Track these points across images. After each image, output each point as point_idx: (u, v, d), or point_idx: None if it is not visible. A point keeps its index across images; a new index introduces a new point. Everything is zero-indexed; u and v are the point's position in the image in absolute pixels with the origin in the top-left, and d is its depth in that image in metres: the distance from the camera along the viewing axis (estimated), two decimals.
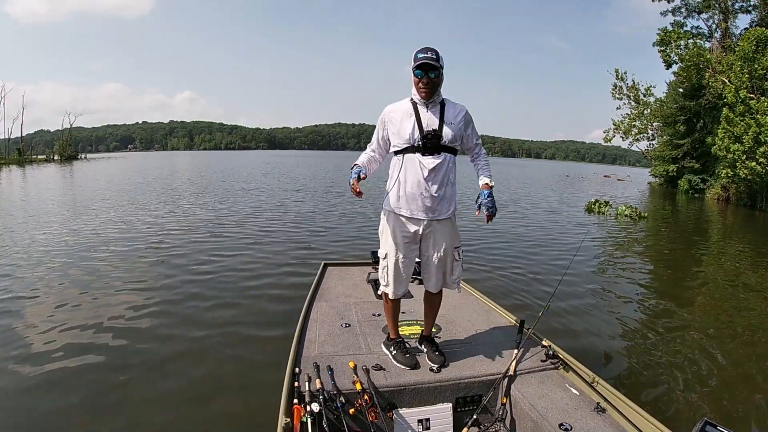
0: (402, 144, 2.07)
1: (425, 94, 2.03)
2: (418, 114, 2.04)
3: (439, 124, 2.04)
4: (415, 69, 2.00)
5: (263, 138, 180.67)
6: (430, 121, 2.04)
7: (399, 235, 2.12)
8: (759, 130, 14.25)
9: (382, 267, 2.20)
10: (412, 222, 2.10)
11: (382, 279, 2.22)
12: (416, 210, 2.08)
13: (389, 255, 2.15)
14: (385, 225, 2.17)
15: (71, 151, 47.71)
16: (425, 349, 2.29)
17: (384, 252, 2.18)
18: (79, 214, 9.64)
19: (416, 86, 2.04)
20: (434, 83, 2.02)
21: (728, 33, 21.51)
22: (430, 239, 2.14)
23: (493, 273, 5.62)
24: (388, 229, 2.14)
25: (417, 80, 2.03)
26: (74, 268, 5.35)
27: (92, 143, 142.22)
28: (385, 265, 2.18)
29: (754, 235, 11.04)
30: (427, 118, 2.04)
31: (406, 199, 2.08)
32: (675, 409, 2.68)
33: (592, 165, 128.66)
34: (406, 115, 2.07)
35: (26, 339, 3.42)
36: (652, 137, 27.87)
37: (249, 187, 16.63)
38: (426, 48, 1.99)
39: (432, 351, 2.24)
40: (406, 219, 2.10)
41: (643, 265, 6.88)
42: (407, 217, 2.10)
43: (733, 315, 4.55)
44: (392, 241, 2.13)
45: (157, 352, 3.23)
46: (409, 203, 2.08)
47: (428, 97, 2.04)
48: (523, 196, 17.20)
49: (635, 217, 11.70)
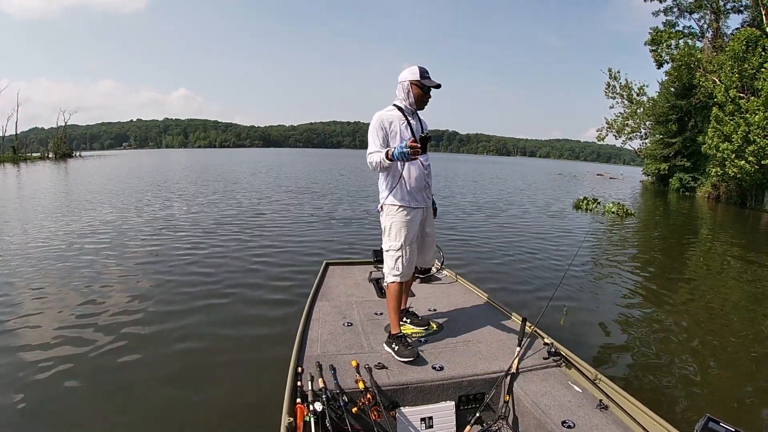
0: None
1: (422, 106, 2.38)
2: (409, 122, 2.35)
3: (423, 130, 2.39)
4: (424, 86, 2.32)
5: (258, 136, 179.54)
6: (417, 127, 2.37)
7: (411, 225, 2.36)
8: (748, 129, 14.44)
9: (395, 258, 2.36)
10: (419, 211, 2.40)
11: (394, 270, 2.37)
12: (421, 200, 2.40)
13: (404, 244, 2.35)
14: (395, 219, 2.36)
15: (66, 149, 47.36)
16: (407, 320, 2.60)
17: (397, 243, 2.35)
18: (81, 211, 9.52)
19: (417, 98, 2.35)
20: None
21: (719, 33, 21.76)
22: (427, 221, 2.50)
23: (494, 271, 5.65)
24: (400, 221, 2.35)
25: (422, 94, 2.35)
26: (72, 267, 5.29)
27: (87, 141, 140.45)
28: (399, 255, 2.36)
29: (744, 233, 11.22)
30: (415, 124, 2.37)
31: (413, 193, 2.36)
32: (678, 405, 2.71)
33: (586, 164, 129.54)
34: (402, 122, 2.34)
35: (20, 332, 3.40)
36: (645, 136, 28.17)
37: (249, 187, 16.55)
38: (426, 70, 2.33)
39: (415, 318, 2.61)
40: (414, 209, 2.37)
41: (640, 261, 6.95)
42: (415, 207, 2.37)
43: (734, 312, 4.60)
44: (405, 232, 2.34)
45: (158, 352, 3.21)
46: (415, 196, 2.37)
47: (422, 109, 2.41)
48: (520, 195, 17.32)
49: (622, 214, 11.92)
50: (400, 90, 2.37)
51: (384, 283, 2.48)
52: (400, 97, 2.37)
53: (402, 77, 2.36)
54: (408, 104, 2.36)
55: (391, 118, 2.33)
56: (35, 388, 2.69)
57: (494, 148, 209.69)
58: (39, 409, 2.49)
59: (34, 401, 2.56)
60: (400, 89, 2.37)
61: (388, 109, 2.38)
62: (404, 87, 2.34)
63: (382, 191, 2.41)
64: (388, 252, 2.39)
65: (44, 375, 2.84)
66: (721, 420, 1.45)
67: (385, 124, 2.31)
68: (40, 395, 2.62)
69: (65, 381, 2.78)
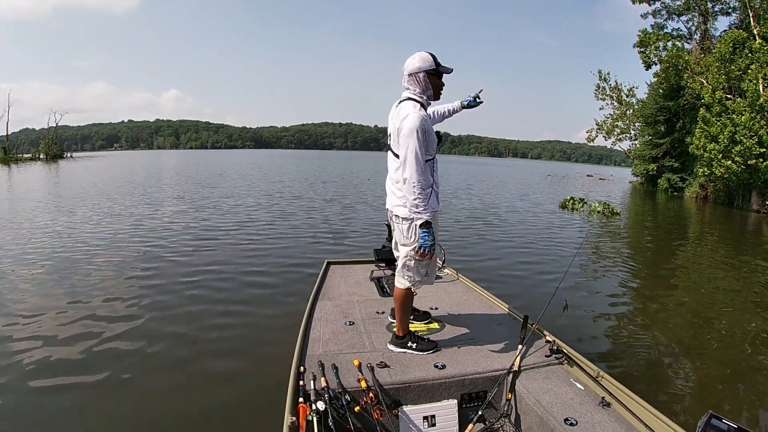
0: (432, 153, 2.12)
1: (438, 97, 2.13)
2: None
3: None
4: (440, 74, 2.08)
5: (250, 137, 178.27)
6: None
7: (436, 230, 2.18)
8: (734, 130, 14.69)
9: (423, 263, 2.20)
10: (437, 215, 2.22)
11: (417, 275, 2.21)
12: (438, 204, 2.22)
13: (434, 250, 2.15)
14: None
15: (57, 150, 46.63)
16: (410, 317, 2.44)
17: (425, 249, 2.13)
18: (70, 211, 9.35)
19: (438, 88, 2.11)
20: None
21: (708, 35, 22.14)
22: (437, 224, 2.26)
23: (494, 270, 5.69)
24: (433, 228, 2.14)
25: (441, 84, 2.10)
26: (69, 267, 5.22)
27: (78, 142, 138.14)
28: (427, 262, 2.20)
29: (732, 232, 11.43)
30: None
31: (437, 197, 2.19)
32: (680, 402, 2.73)
33: (577, 165, 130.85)
34: (431, 122, 2.15)
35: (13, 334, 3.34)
36: (635, 137, 28.55)
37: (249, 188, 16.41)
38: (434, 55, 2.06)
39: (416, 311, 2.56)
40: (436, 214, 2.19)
41: (637, 260, 7.05)
42: (437, 211, 2.20)
43: (738, 309, 4.65)
44: (433, 237, 2.11)
45: (158, 352, 3.19)
46: (438, 199, 2.20)
47: (438, 100, 2.14)
48: (511, 195, 17.45)
49: (608, 213, 12.09)
50: (414, 83, 2.07)
51: (401, 287, 2.25)
52: (416, 91, 2.07)
53: (413, 67, 2.05)
54: (427, 98, 2.08)
55: (426, 117, 2.03)
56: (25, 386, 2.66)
57: (486, 150, 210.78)
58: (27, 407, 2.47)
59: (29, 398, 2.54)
60: (414, 82, 2.07)
61: (413, 105, 2.04)
62: (420, 79, 2.05)
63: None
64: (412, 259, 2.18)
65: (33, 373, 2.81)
66: (724, 417, 1.46)
67: (426, 128, 2.01)
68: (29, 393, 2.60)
69: (50, 385, 2.73)
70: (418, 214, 2.03)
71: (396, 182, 2.15)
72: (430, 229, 2.04)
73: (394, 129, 2.09)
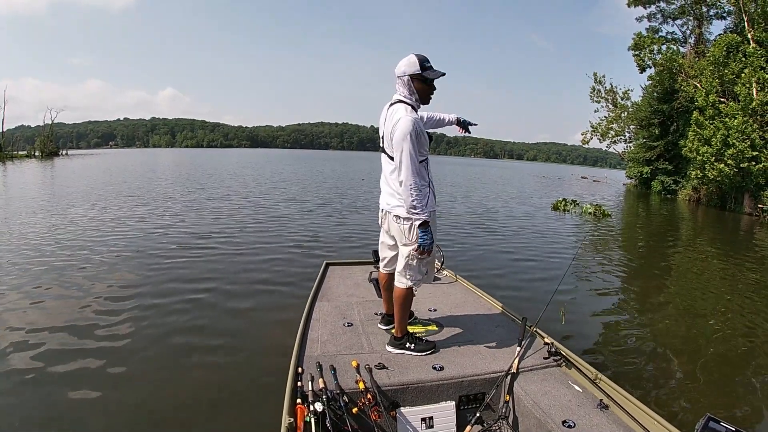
0: (425, 153, 2.13)
1: (427, 101, 2.16)
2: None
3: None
4: (426, 78, 2.07)
5: (246, 136, 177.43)
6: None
7: (435, 228, 2.22)
8: (727, 133, 14.85)
9: (424, 262, 2.22)
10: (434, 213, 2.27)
11: (417, 275, 2.22)
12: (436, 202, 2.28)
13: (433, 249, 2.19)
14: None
15: (52, 148, 46.15)
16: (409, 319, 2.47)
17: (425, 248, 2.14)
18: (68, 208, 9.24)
19: (421, 93, 2.11)
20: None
21: (702, 39, 22.35)
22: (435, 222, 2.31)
23: (491, 270, 5.70)
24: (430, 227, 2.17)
25: (426, 88, 2.10)
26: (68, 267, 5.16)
27: (73, 139, 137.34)
28: (430, 260, 2.24)
29: (724, 234, 11.54)
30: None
31: (434, 196, 2.23)
32: (678, 405, 2.74)
33: (572, 167, 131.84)
34: (423, 125, 2.14)
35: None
36: (629, 140, 28.77)
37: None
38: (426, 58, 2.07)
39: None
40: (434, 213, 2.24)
41: (634, 262, 7.10)
42: (434, 211, 2.24)
43: (735, 312, 4.67)
44: (431, 235, 2.13)
45: (158, 352, 3.17)
46: (435, 198, 2.25)
47: (428, 104, 2.17)
48: (506, 197, 17.52)
49: (599, 215, 12.26)
50: (401, 85, 2.08)
51: (402, 286, 2.25)
52: (404, 94, 2.09)
53: (399, 71, 2.07)
54: (414, 101, 2.10)
55: (419, 121, 2.06)
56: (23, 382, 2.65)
57: (482, 151, 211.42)
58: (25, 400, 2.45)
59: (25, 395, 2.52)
60: (401, 84, 2.08)
61: (405, 107, 2.06)
62: (404, 82, 2.07)
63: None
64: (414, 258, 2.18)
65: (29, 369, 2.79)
66: (722, 419, 1.46)
67: (419, 129, 2.02)
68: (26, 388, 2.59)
69: (51, 384, 2.70)
70: (417, 215, 2.06)
71: (393, 184, 2.18)
72: (428, 228, 2.09)
73: (387, 132, 2.10)
